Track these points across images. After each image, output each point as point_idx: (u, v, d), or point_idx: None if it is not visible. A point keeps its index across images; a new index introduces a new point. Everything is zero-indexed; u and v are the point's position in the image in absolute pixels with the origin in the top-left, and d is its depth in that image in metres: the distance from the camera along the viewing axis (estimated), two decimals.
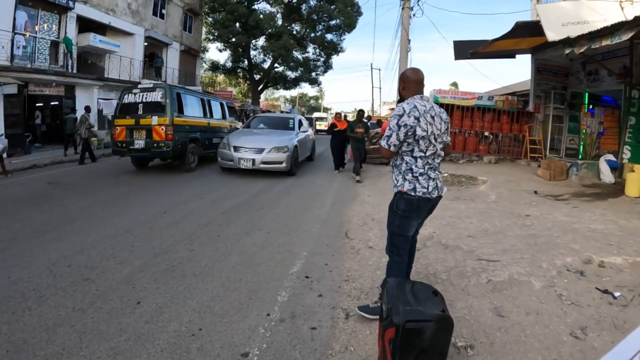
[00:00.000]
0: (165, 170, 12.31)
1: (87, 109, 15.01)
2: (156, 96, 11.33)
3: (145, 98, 11.42)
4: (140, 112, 11.31)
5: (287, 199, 8.62)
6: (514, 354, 3.02)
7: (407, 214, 3.24)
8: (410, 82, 3.30)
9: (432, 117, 3.16)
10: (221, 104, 15.70)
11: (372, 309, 3.51)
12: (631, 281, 4.25)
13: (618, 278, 4.34)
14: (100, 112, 20.31)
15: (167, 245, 5.36)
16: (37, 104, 19.86)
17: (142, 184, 9.84)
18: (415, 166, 3.17)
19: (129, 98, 11.62)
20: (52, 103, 20.53)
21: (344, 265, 4.78)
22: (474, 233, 5.92)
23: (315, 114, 58.36)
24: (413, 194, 3.17)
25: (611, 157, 10.48)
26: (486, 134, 16.28)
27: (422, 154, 3.15)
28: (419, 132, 3.07)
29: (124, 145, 11.41)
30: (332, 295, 3.98)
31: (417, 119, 3.07)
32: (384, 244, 3.78)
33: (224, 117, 15.52)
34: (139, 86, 11.99)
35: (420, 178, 3.17)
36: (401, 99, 3.43)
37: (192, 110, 12.66)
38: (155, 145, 11.08)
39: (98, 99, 20.42)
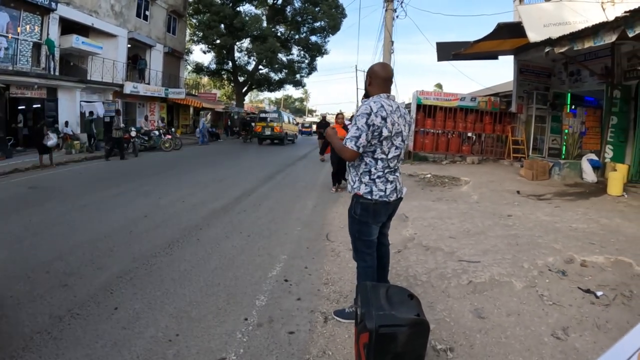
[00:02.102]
0: (147, 174, 12.20)
1: (118, 112, 17.49)
2: (274, 114, 28.19)
3: (269, 114, 28.47)
4: (267, 119, 27.56)
5: (268, 201, 8.58)
6: (495, 356, 2.98)
7: (365, 218, 3.18)
8: (378, 78, 3.19)
9: (398, 118, 3.09)
10: (293, 118, 30.61)
11: (347, 313, 3.47)
12: (613, 280, 4.24)
13: (600, 277, 4.33)
14: (82, 115, 19.97)
15: (146, 249, 5.28)
16: (19, 107, 19.52)
17: (122, 188, 9.70)
18: (375, 168, 3.10)
19: (262, 115, 28.77)
20: (34, 106, 20.22)
21: (323, 268, 4.75)
22: (455, 234, 5.90)
23: (308, 118, 58.38)
24: (369, 197, 3.10)
25: (593, 156, 10.55)
26: (469, 134, 16.37)
27: (384, 156, 3.08)
28: (384, 132, 2.99)
29: (261, 133, 27.36)
30: (311, 298, 3.94)
31: (384, 119, 2.97)
32: None
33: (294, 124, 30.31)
34: (267, 110, 30.99)
35: (377, 181, 3.10)
36: (366, 95, 3.32)
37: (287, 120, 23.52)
38: (274, 134, 27.03)
39: (81, 101, 20.13)
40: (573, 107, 12.29)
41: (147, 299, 3.85)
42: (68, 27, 20.01)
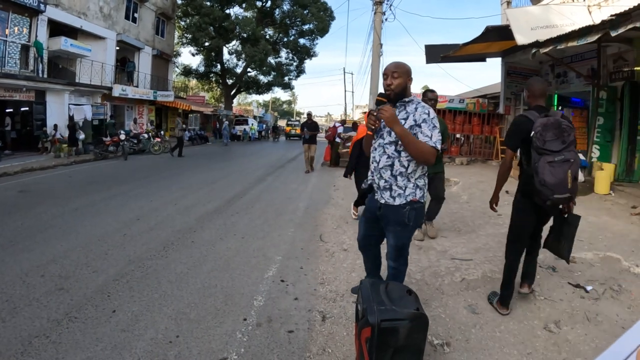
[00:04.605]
0: (138, 177, 12.16)
1: (180, 115, 18.96)
2: (296, 122, 49.03)
3: (292, 122, 51.05)
4: (292, 125, 47.04)
5: (261, 203, 8.59)
6: (490, 350, 3.05)
7: (418, 224, 3.19)
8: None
9: None
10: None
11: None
12: (602, 275, 4.35)
13: (589, 273, 4.44)
14: (71, 118, 19.71)
15: (141, 252, 5.26)
16: (7, 110, 19.38)
17: (114, 191, 9.65)
18: (423, 170, 3.11)
19: (289, 122, 51.58)
20: (22, 109, 20.07)
21: (319, 268, 4.78)
22: (446, 233, 5.99)
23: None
24: (423, 200, 3.10)
25: (580, 156, 10.67)
26: (457, 136, 16.50)
27: None
28: None
29: (289, 133, 46.04)
30: (307, 298, 3.97)
31: None
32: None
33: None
34: (292, 120, 56.61)
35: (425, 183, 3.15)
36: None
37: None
38: (297, 134, 39.19)
39: (69, 104, 19.90)
40: (560, 108, 12.42)
41: (145, 301, 3.85)
42: (56, 29, 19.82)
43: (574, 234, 3.57)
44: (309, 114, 15.13)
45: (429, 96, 5.54)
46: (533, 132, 3.16)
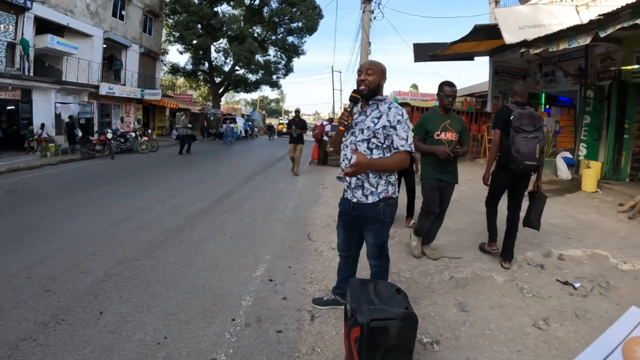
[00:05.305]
0: (125, 177, 12.03)
1: (185, 114, 18.97)
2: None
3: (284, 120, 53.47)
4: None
5: (250, 203, 8.54)
6: (480, 347, 3.05)
7: (392, 220, 3.15)
8: None
9: None
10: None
11: (325, 301, 3.67)
12: (591, 272, 4.39)
13: (578, 270, 4.47)
14: (57, 116, 19.51)
15: (129, 252, 5.19)
16: None
17: (101, 190, 9.54)
18: None
19: (281, 121, 52.35)
20: (8, 107, 19.82)
21: (307, 267, 4.77)
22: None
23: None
24: (395, 196, 3.09)
25: (568, 154, 10.81)
26: None
27: None
28: None
29: (281, 131, 43.47)
30: (296, 297, 3.95)
31: None
32: None
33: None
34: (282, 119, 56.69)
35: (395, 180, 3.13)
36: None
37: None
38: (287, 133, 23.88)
39: (56, 102, 19.62)
40: (547, 106, 12.55)
41: (133, 302, 3.80)
42: (43, 26, 19.53)
43: (542, 208, 4.70)
44: (297, 111, 14.32)
45: (447, 92, 4.65)
46: (512, 117, 4.31)
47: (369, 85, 3.00)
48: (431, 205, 4.80)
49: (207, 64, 39.66)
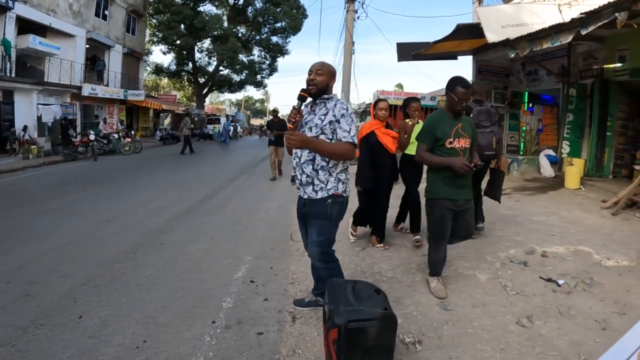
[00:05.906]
0: (108, 179, 11.91)
1: (188, 114, 19.57)
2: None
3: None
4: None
5: (233, 203, 8.48)
6: (463, 346, 3.02)
7: (340, 218, 3.19)
8: None
9: None
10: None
11: (307, 302, 3.64)
12: (574, 269, 4.38)
13: (561, 267, 4.46)
14: (39, 118, 19.19)
15: (111, 255, 5.11)
16: None
17: (84, 193, 9.41)
18: (344, 164, 3.17)
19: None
20: None
21: (289, 268, 4.72)
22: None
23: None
24: (345, 194, 3.13)
25: (551, 152, 10.88)
26: None
27: None
28: None
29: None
30: (278, 298, 3.90)
31: None
32: None
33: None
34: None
35: (347, 178, 3.16)
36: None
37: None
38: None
39: (37, 104, 19.31)
40: (530, 105, 12.58)
41: (113, 306, 3.74)
42: (25, 27, 19.25)
43: (500, 183, 5.55)
44: (275, 111, 13.10)
45: (460, 94, 3.55)
46: (472, 114, 5.06)
47: (318, 85, 3.08)
48: (442, 233, 3.79)
49: (190, 64, 39.46)
